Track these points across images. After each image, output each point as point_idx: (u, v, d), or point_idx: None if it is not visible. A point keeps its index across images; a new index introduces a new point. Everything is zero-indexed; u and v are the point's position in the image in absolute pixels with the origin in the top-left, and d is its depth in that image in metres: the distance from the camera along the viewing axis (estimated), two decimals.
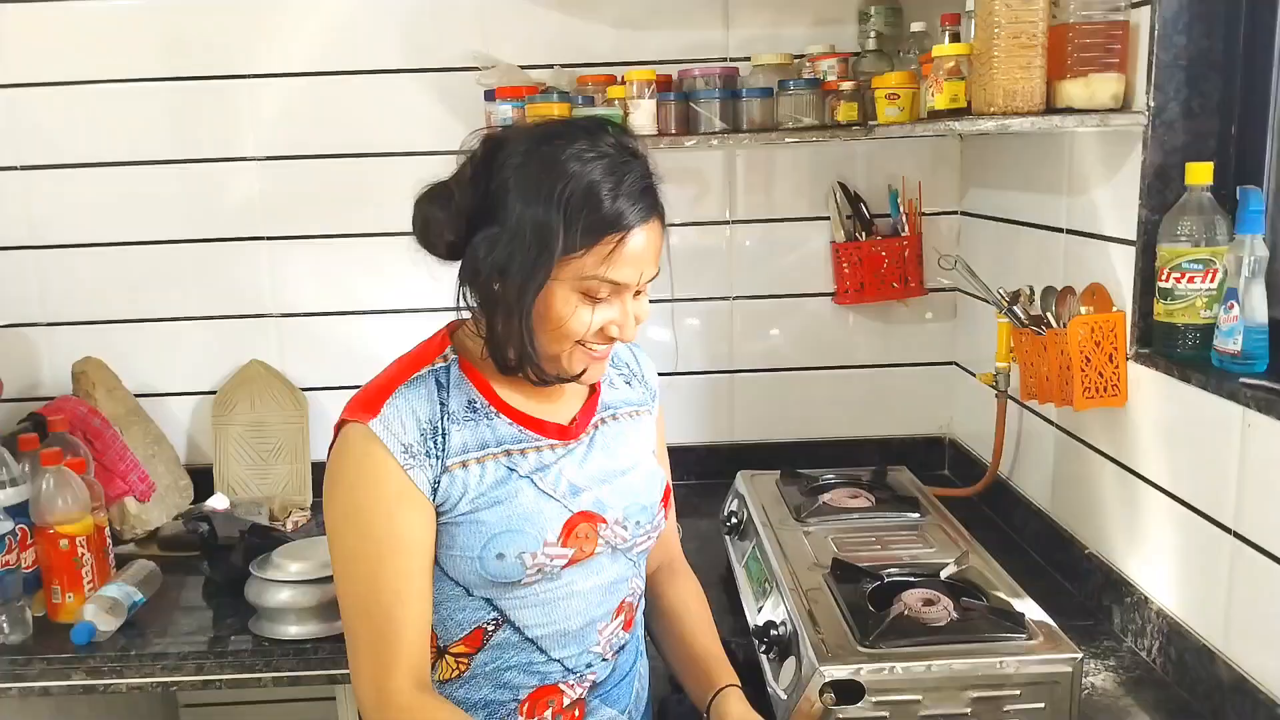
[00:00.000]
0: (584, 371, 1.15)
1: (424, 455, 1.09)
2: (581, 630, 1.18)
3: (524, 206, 1.06)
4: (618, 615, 1.22)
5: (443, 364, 1.17)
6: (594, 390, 1.26)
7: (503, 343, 1.11)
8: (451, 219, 1.12)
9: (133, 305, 2.18)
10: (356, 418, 1.10)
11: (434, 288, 2.14)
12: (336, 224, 2.16)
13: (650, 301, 1.18)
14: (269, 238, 2.17)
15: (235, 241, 2.17)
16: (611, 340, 1.14)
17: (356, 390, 1.16)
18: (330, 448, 1.14)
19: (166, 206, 2.15)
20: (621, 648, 1.24)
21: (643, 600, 1.29)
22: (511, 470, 1.14)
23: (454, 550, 1.11)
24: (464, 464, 1.12)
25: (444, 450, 1.11)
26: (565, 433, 1.19)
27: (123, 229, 2.15)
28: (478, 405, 1.15)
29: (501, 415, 1.16)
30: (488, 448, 1.13)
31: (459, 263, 1.14)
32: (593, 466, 1.20)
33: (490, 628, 1.15)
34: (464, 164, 1.14)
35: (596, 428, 1.23)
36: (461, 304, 1.15)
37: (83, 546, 1.65)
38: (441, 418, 1.12)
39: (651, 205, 1.09)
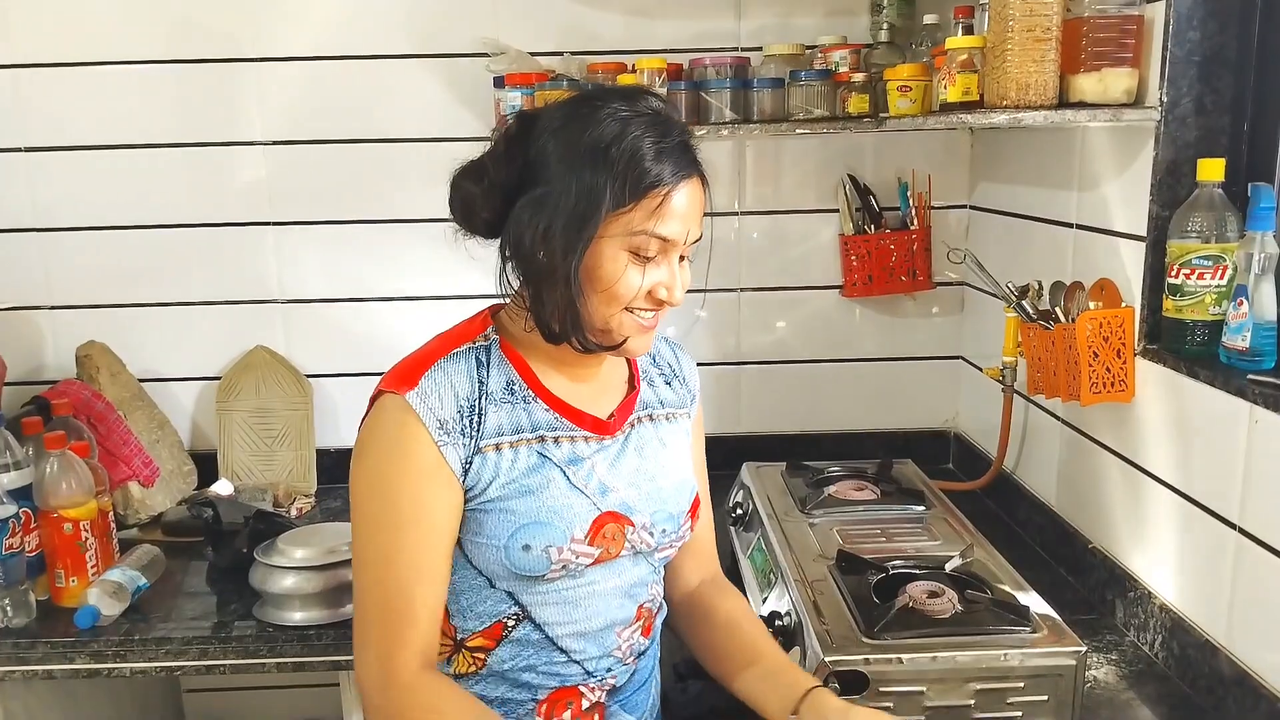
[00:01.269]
0: (630, 341, 1.13)
1: (458, 433, 1.08)
2: (601, 632, 1.16)
3: (567, 167, 1.05)
4: (638, 619, 1.20)
5: (484, 342, 1.15)
6: (633, 387, 1.24)
7: (549, 310, 1.09)
8: (488, 194, 1.11)
9: (137, 289, 2.18)
10: (393, 388, 1.08)
11: (442, 274, 2.17)
12: (343, 210, 2.16)
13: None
14: (275, 223, 2.16)
15: (241, 226, 2.16)
16: (660, 304, 1.11)
17: (360, 376, 1.17)
18: (364, 418, 1.13)
19: (172, 190, 2.14)
20: (641, 654, 1.22)
21: (663, 608, 1.27)
22: (545, 458, 1.12)
23: (480, 537, 1.10)
24: (497, 446, 1.10)
25: (479, 430, 1.09)
26: (602, 427, 1.17)
27: (128, 212, 2.15)
28: (516, 388, 1.13)
29: (539, 400, 1.14)
30: (522, 432, 1.12)
31: (495, 242, 1.13)
32: (625, 467, 1.17)
33: (510, 622, 1.13)
34: (497, 140, 1.13)
35: (633, 426, 1.21)
36: (505, 287, 1.14)
37: (86, 531, 1.65)
38: (479, 396, 1.10)
39: (693, 161, 1.09)
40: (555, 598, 1.13)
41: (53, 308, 2.18)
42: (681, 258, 1.12)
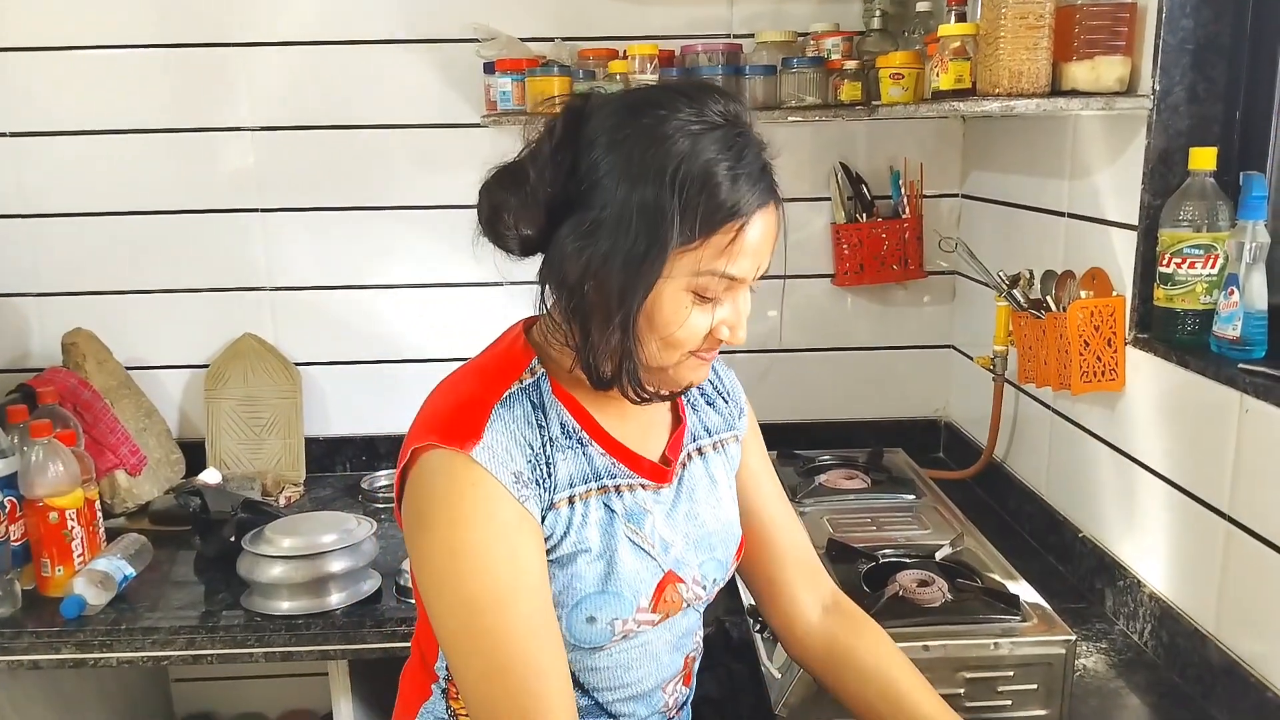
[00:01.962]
0: (688, 380, 1.01)
1: (534, 484, 0.94)
2: (651, 692, 1.07)
3: (627, 191, 0.89)
4: (683, 670, 1.11)
5: (531, 379, 0.99)
6: (680, 418, 1.11)
7: (599, 354, 0.94)
8: (529, 208, 0.94)
9: (124, 276, 2.16)
10: (451, 444, 0.92)
11: (432, 261, 2.16)
12: (332, 197, 2.14)
13: None
14: (263, 209, 2.15)
15: (229, 213, 2.15)
16: (719, 344, 0.99)
17: (349, 364, 1.04)
18: (403, 477, 0.97)
19: (160, 176, 2.12)
20: (683, 704, 1.14)
21: (701, 652, 1.16)
22: (611, 512, 1.00)
23: None
24: (570, 500, 0.97)
25: (553, 482, 0.96)
26: (660, 474, 1.05)
27: (115, 199, 2.13)
28: (570, 430, 0.99)
29: (595, 444, 1.01)
30: (589, 482, 0.99)
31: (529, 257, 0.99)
32: (680, 516, 1.06)
33: None
34: (539, 140, 0.96)
35: (684, 466, 1.09)
36: (542, 309, 1.00)
37: (72, 520, 1.64)
38: (544, 444, 0.96)
39: (770, 186, 0.94)
40: (607, 662, 1.02)
41: (39, 294, 2.16)
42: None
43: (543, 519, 0.95)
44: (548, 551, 0.96)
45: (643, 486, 1.03)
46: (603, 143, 0.92)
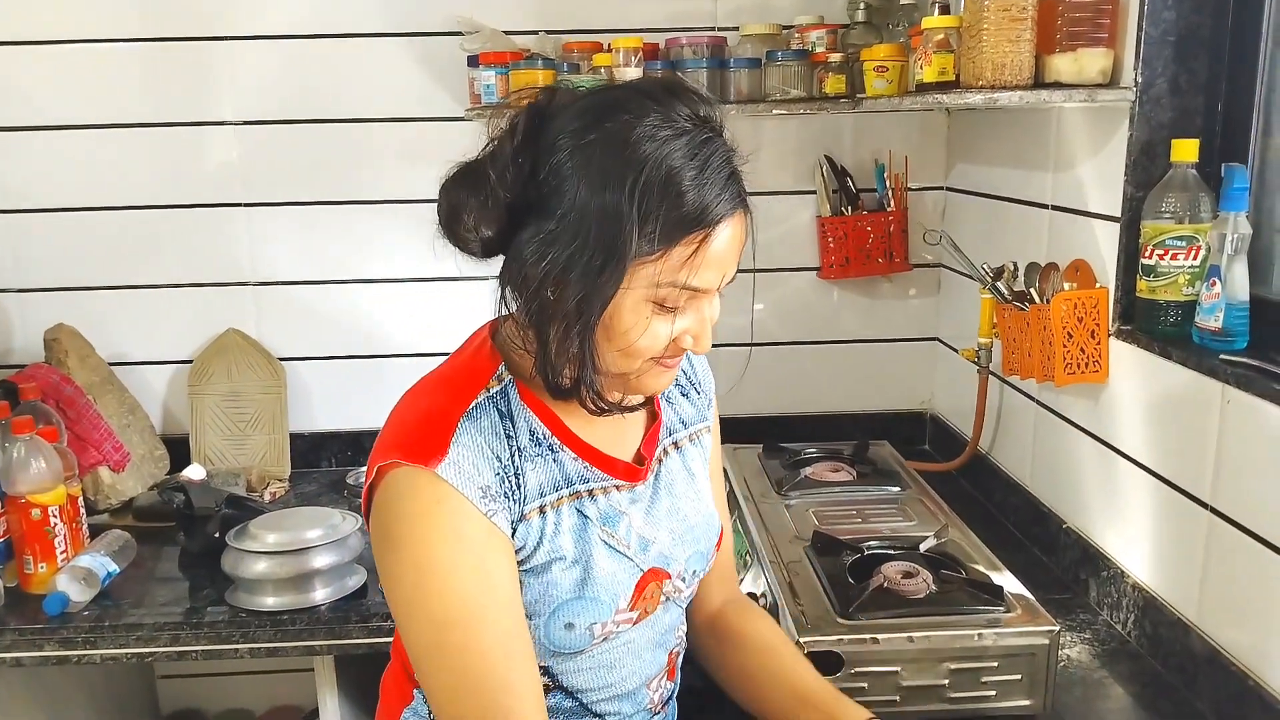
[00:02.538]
0: (650, 388, 1.00)
1: (503, 498, 0.93)
2: (635, 690, 1.07)
3: (586, 198, 0.87)
4: (666, 665, 1.11)
5: (498, 387, 0.98)
6: (655, 415, 1.10)
7: (557, 362, 0.93)
8: (489, 210, 0.91)
9: (107, 272, 2.15)
10: (415, 461, 0.91)
11: (416, 256, 2.15)
12: (315, 191, 2.13)
13: None
14: (247, 204, 2.13)
15: (212, 208, 2.13)
16: (682, 352, 0.97)
17: (333, 359, 1.03)
18: (369, 494, 0.95)
19: (142, 171, 2.11)
20: (668, 700, 1.14)
21: (684, 645, 1.17)
22: (584, 518, 0.99)
23: None
24: (541, 510, 0.96)
25: (522, 494, 0.95)
26: (634, 473, 1.04)
27: (97, 193, 2.11)
28: (540, 436, 0.98)
29: (567, 449, 0.99)
30: (560, 489, 0.98)
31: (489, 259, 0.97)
32: (659, 513, 1.06)
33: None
34: (501, 139, 0.93)
35: (660, 462, 1.08)
36: (504, 311, 0.98)
37: (55, 516, 1.63)
38: (513, 455, 0.95)
39: (737, 193, 0.91)
40: (589, 663, 1.02)
41: (20, 290, 2.14)
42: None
43: (513, 531, 0.94)
44: (521, 563, 0.95)
45: (617, 488, 1.02)
46: (565, 146, 0.89)
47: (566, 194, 0.88)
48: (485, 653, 0.90)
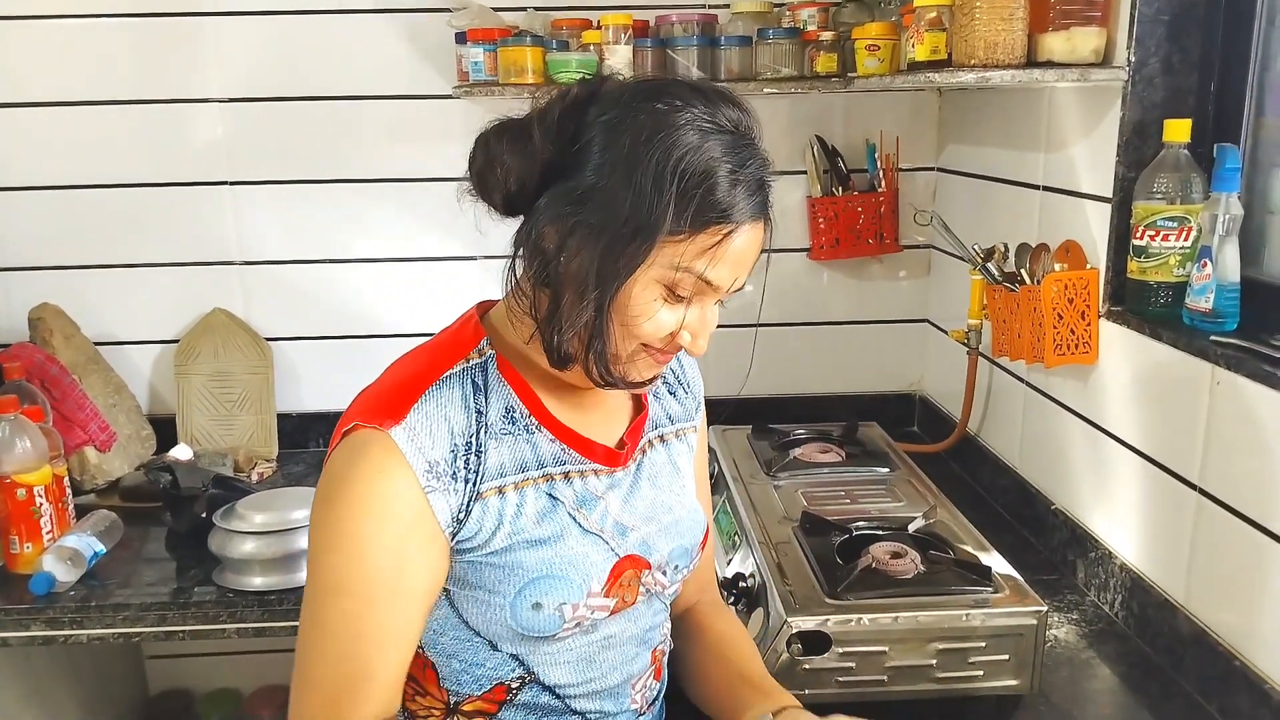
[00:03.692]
0: (645, 381, 0.99)
1: (449, 477, 0.91)
2: (617, 687, 1.04)
3: (627, 170, 0.87)
4: (651, 664, 1.09)
5: (478, 359, 0.97)
6: (642, 406, 1.10)
7: (565, 330, 0.91)
8: (525, 164, 0.92)
9: (92, 250, 2.13)
10: (375, 422, 0.90)
11: (403, 235, 2.14)
12: (302, 169, 2.11)
13: None
14: (233, 182, 2.11)
15: (198, 186, 2.11)
16: (677, 349, 0.97)
17: (321, 339, 1.03)
18: (329, 453, 0.94)
19: (127, 148, 2.08)
20: (654, 700, 1.11)
21: (670, 645, 1.16)
22: (555, 500, 0.97)
23: (480, 594, 0.95)
24: (500, 490, 0.94)
25: (479, 472, 0.93)
26: (614, 458, 1.03)
27: (82, 171, 2.09)
28: (516, 415, 0.97)
29: (544, 429, 0.98)
30: (527, 470, 0.96)
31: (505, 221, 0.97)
32: (640, 502, 1.04)
33: (515, 685, 0.99)
34: (551, 102, 0.94)
35: (644, 453, 1.07)
36: (508, 283, 0.97)
37: (41, 496, 1.62)
38: (477, 430, 0.94)
39: (765, 203, 0.93)
40: (567, 656, 0.99)
41: (4, 269, 2.12)
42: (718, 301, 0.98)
43: (464, 515, 0.92)
44: (478, 548, 0.94)
45: (595, 473, 1.01)
46: (611, 118, 0.90)
47: (606, 161, 0.89)
48: (364, 633, 0.90)
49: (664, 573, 1.05)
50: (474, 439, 0.93)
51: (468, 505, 0.92)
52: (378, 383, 0.97)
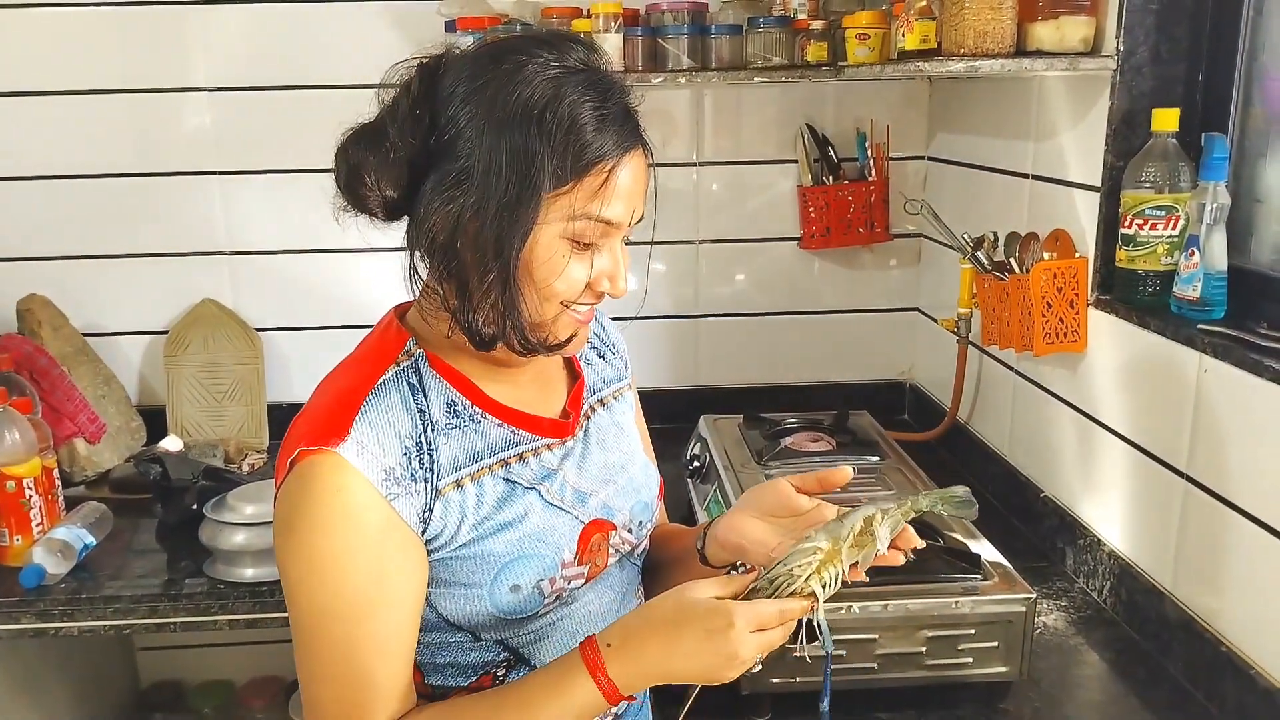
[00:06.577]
0: (570, 340, 0.97)
1: (409, 480, 0.89)
2: None
3: (493, 138, 0.87)
4: None
5: (408, 361, 0.95)
6: (578, 375, 1.10)
7: (479, 313, 0.91)
8: (390, 166, 0.91)
9: (80, 241, 2.11)
10: (320, 444, 0.87)
11: (391, 226, 2.12)
12: (291, 159, 2.10)
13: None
14: (221, 172, 2.10)
15: (186, 176, 2.10)
16: (600, 296, 0.96)
17: (310, 330, 1.00)
18: (278, 486, 0.91)
19: (115, 138, 2.07)
20: None
21: None
22: (513, 484, 0.96)
23: (455, 588, 0.94)
24: (458, 484, 0.93)
25: (434, 470, 0.91)
26: (561, 429, 1.02)
27: (70, 161, 2.08)
28: (459, 407, 0.95)
29: (489, 416, 0.97)
30: (480, 459, 0.95)
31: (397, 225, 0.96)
32: (593, 466, 1.04)
33: (501, 671, 0.99)
34: (396, 97, 0.93)
35: (588, 418, 1.07)
36: (413, 285, 0.96)
37: (30, 488, 1.61)
38: (424, 429, 0.92)
39: (637, 130, 0.93)
40: (550, 631, 0.99)
41: None
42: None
43: (428, 515, 0.91)
44: (445, 545, 0.93)
45: (548, 448, 1.01)
46: (462, 93, 0.89)
47: (469, 138, 0.88)
48: (360, 650, 0.89)
49: (630, 530, 1.06)
50: (422, 439, 0.92)
51: (430, 504, 0.91)
52: (310, 406, 0.94)
